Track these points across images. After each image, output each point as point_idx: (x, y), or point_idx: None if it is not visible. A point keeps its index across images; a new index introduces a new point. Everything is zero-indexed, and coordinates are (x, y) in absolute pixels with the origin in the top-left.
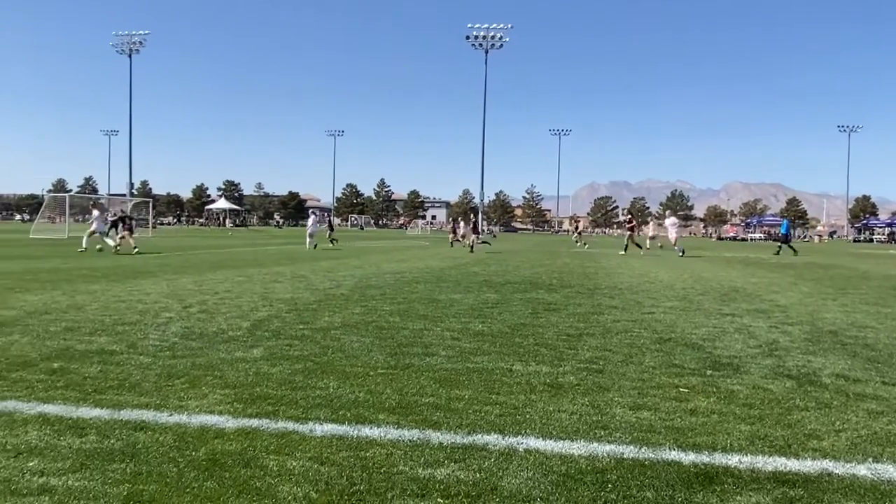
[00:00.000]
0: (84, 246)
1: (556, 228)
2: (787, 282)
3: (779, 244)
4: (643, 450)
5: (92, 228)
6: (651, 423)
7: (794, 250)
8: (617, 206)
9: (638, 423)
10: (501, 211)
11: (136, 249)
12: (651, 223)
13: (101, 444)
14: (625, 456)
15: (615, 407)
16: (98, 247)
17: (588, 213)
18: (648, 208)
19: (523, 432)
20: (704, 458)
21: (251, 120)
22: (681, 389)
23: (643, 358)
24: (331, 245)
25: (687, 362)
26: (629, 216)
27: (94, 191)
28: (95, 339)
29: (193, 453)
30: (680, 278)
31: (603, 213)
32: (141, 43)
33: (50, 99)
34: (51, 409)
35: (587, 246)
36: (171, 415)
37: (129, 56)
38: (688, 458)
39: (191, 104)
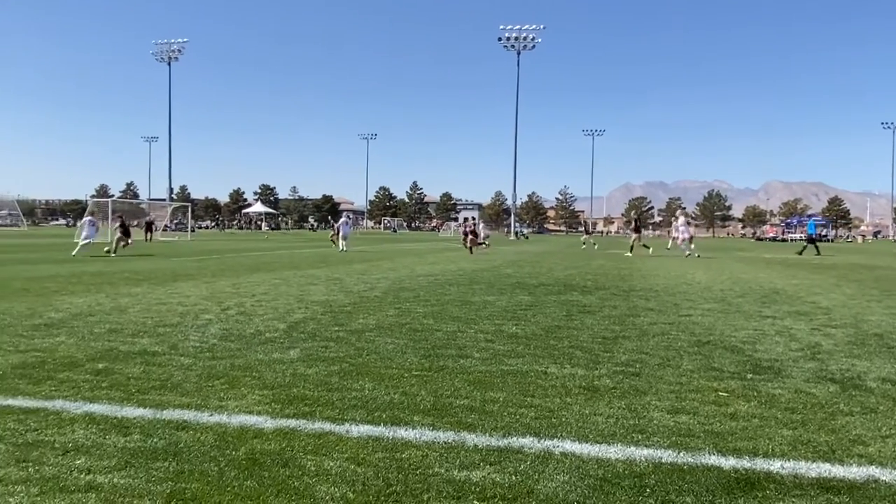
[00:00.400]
0: (73, 253)
1: (591, 230)
2: (830, 283)
3: (804, 244)
4: (682, 454)
5: (84, 233)
6: (690, 427)
7: (818, 251)
8: (652, 207)
9: (676, 427)
10: (534, 212)
11: (113, 254)
12: (673, 223)
13: (144, 443)
14: (663, 460)
15: (652, 411)
16: (106, 250)
17: (622, 214)
18: (685, 208)
19: (559, 435)
20: (745, 463)
21: (286, 124)
22: (720, 393)
23: (681, 361)
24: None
25: (726, 365)
26: (636, 218)
27: (136, 196)
28: (138, 341)
29: (233, 453)
30: (718, 280)
31: (637, 214)
32: (179, 51)
33: (92, 107)
34: (96, 408)
35: (596, 246)
36: (211, 415)
37: (168, 63)
38: (728, 463)
39: (228, 110)
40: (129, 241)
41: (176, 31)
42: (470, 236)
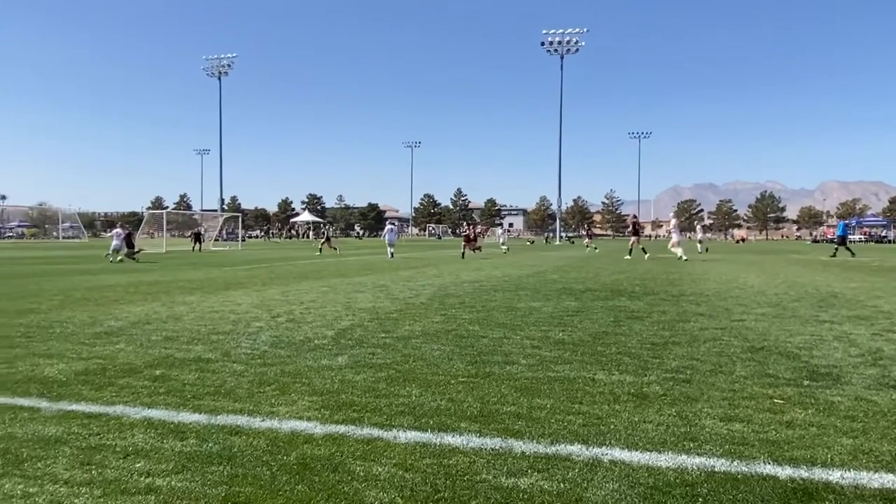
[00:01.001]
0: (113, 258)
1: (592, 234)
2: (892, 286)
3: (835, 246)
4: (735, 463)
5: (114, 243)
6: (744, 435)
7: (852, 252)
8: (702, 210)
9: (729, 436)
10: (580, 217)
11: (121, 260)
12: (698, 227)
13: (200, 448)
14: (716, 469)
15: (704, 418)
16: (119, 259)
17: (671, 217)
18: (736, 211)
19: (608, 443)
20: (803, 472)
21: (333, 134)
22: (775, 400)
23: (734, 367)
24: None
25: (781, 372)
26: (634, 221)
27: (188, 207)
28: (193, 348)
29: (285, 457)
30: (772, 283)
31: (686, 217)
32: (229, 65)
33: (148, 122)
34: (154, 413)
35: (597, 250)
36: (263, 420)
37: (219, 78)
38: (784, 472)
39: (277, 121)
40: (134, 252)
41: (225, 46)
42: (469, 241)
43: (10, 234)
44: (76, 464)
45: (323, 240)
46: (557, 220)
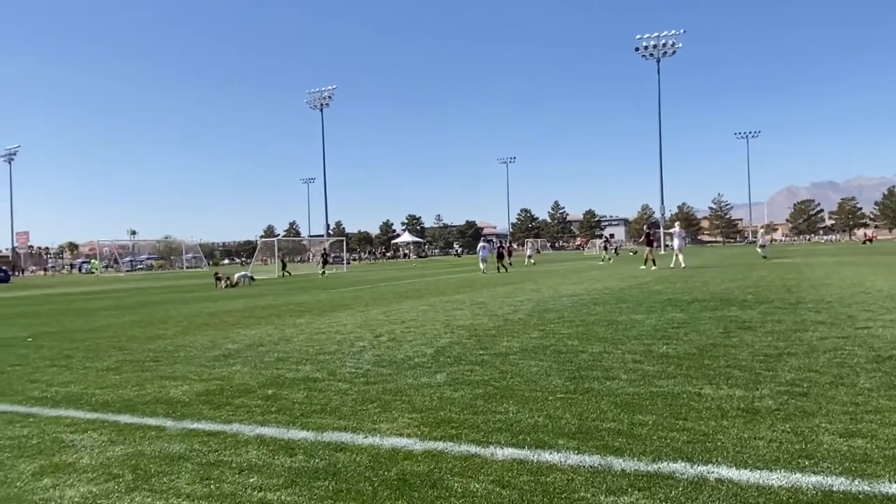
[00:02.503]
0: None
1: (750, 239)
2: None
3: None
4: (857, 482)
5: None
6: (866, 451)
7: None
8: (822, 210)
9: (850, 453)
10: (685, 223)
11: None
12: (761, 231)
13: (307, 463)
14: (834, 488)
15: (822, 434)
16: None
17: (787, 220)
18: (861, 209)
19: (714, 460)
20: None
21: (429, 155)
22: None
23: (857, 379)
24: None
25: None
26: (648, 232)
27: (297, 233)
28: (301, 368)
29: (386, 473)
30: None
31: (805, 219)
32: (329, 97)
33: (259, 154)
34: (266, 431)
35: (611, 260)
36: (365, 437)
37: (321, 110)
38: None
39: (375, 145)
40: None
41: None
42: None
43: (141, 265)
44: (197, 479)
45: (322, 262)
46: (661, 229)
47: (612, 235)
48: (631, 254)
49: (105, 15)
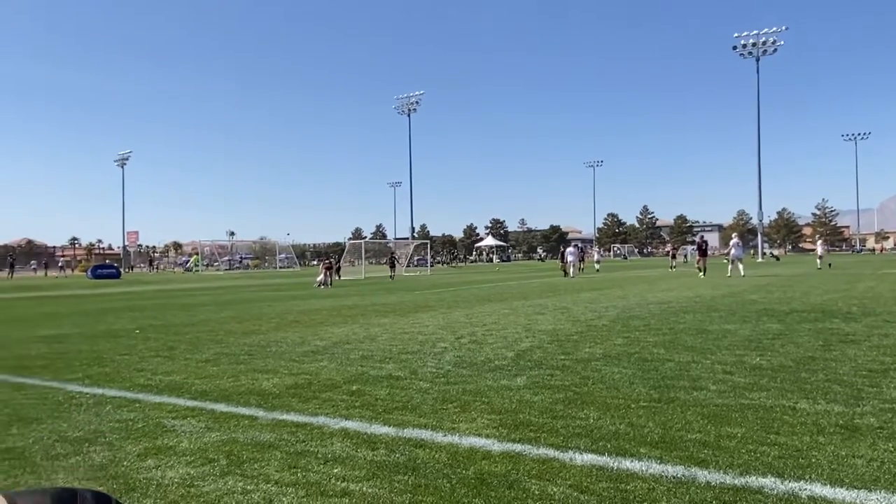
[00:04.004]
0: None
1: (858, 247)
2: None
3: None
4: None
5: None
6: None
7: None
8: None
9: None
10: (786, 231)
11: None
12: (819, 241)
13: (388, 458)
14: None
15: None
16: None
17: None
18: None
19: (807, 477)
20: None
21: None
22: None
23: None
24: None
25: None
26: (700, 242)
27: (384, 236)
28: (384, 366)
29: (464, 471)
30: None
31: (703, 239)
32: (417, 102)
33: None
34: (350, 424)
35: (674, 269)
36: (445, 435)
37: (408, 115)
38: None
39: (460, 149)
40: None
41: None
42: (578, 263)
43: (239, 265)
44: (285, 466)
45: (323, 269)
46: (759, 235)
47: (705, 242)
48: (725, 261)
49: (211, 20)
